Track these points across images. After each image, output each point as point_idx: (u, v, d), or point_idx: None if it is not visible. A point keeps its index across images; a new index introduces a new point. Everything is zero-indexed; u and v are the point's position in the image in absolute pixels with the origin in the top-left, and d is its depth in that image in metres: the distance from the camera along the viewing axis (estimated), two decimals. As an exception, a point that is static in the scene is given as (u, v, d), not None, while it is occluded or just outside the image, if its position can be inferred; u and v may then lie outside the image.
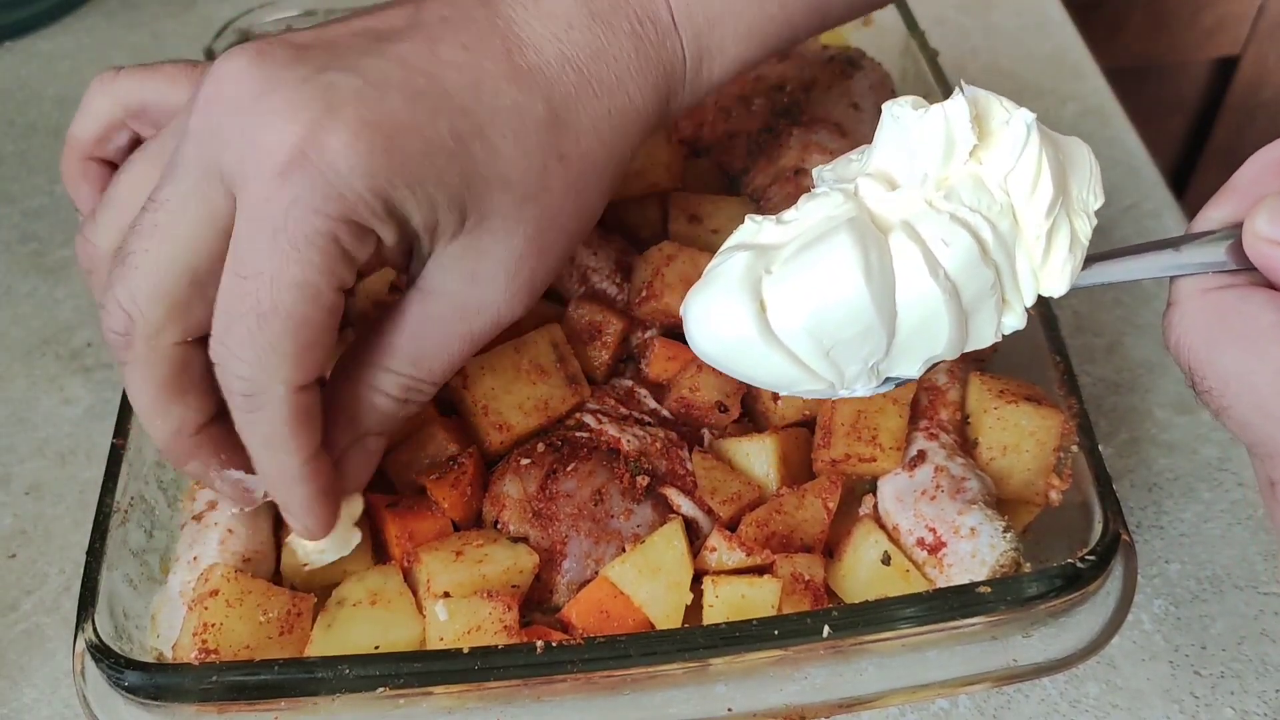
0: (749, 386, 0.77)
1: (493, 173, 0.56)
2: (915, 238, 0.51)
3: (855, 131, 0.89)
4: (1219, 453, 0.86)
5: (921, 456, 0.71)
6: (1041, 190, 0.51)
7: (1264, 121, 1.63)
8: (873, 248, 0.50)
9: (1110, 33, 1.51)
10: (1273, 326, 0.47)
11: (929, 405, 0.74)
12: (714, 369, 0.75)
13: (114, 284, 0.56)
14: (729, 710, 0.61)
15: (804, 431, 0.75)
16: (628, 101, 0.62)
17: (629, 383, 0.77)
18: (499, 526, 0.70)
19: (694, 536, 0.70)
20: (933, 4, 1.21)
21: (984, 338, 0.54)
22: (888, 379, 0.55)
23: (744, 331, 0.51)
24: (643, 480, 0.70)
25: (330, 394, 0.61)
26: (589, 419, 0.74)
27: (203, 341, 0.58)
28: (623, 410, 0.75)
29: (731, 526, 0.70)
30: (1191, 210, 1.08)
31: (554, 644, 0.60)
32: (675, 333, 0.79)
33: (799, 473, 0.73)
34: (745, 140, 0.89)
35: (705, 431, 0.75)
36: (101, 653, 0.60)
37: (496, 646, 0.61)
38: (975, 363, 0.78)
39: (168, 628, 0.66)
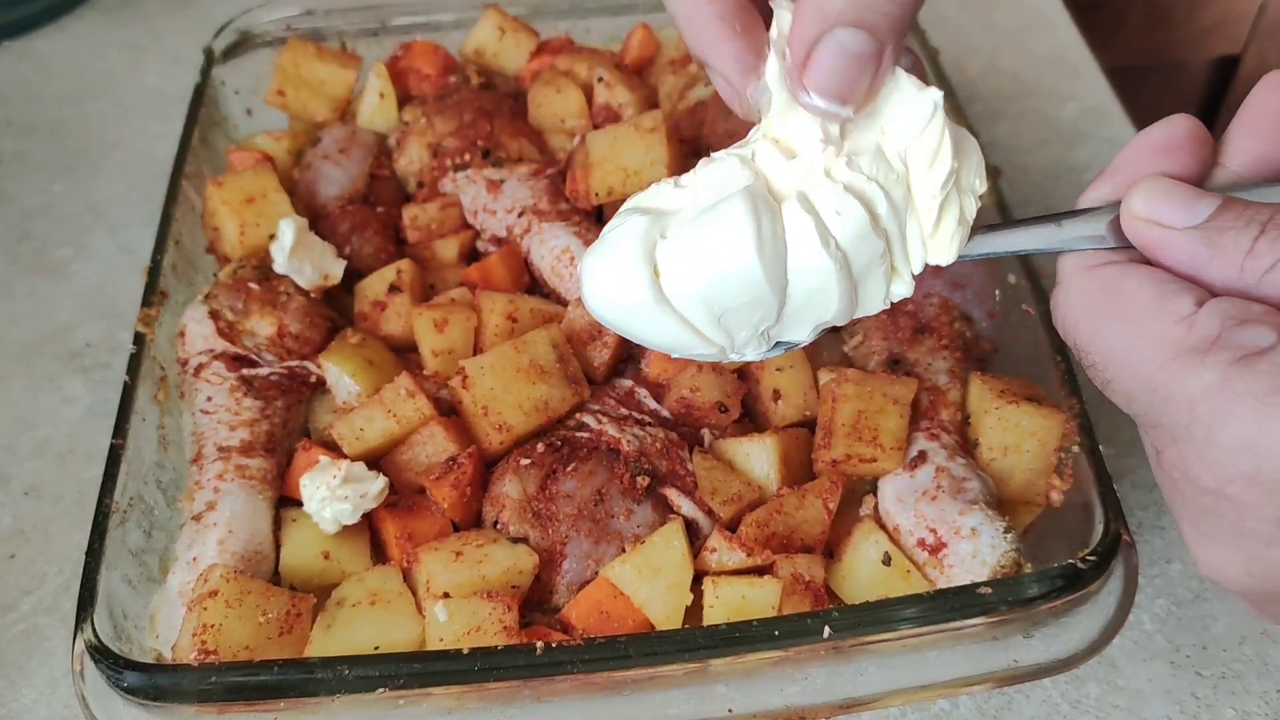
0: (749, 387, 0.77)
1: None
2: (809, 208, 0.51)
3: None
4: (1219, 452, 0.86)
5: (922, 457, 0.71)
6: (940, 164, 0.52)
7: (1264, 121, 1.62)
8: (765, 217, 0.51)
9: (1110, 32, 1.51)
10: (1151, 301, 0.47)
11: (930, 406, 0.74)
12: (714, 368, 0.75)
13: None
14: (729, 711, 0.61)
15: (804, 432, 0.75)
16: None
17: (629, 383, 0.77)
18: (499, 527, 0.70)
19: (694, 537, 0.70)
20: (933, 3, 1.21)
21: (873, 304, 0.54)
22: (778, 343, 0.56)
23: (637, 296, 0.52)
24: (643, 480, 0.70)
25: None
26: (589, 419, 0.74)
27: None
28: (623, 410, 0.75)
29: (732, 527, 0.70)
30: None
31: (554, 644, 0.59)
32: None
33: (799, 473, 0.73)
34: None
35: (705, 431, 0.75)
36: (101, 653, 0.60)
37: (496, 647, 0.61)
38: (976, 363, 0.78)
39: (167, 628, 0.66)
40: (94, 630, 0.61)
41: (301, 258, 0.81)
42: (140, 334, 0.77)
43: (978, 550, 0.66)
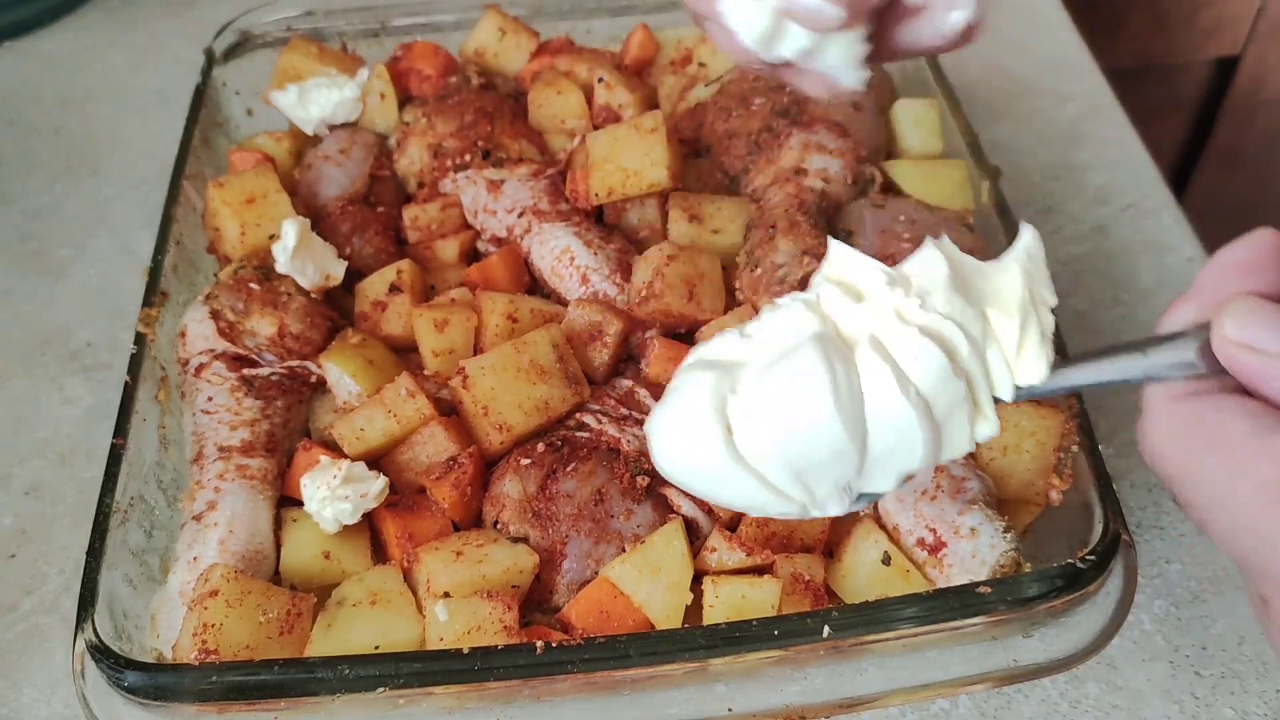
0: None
1: None
2: (884, 354, 0.49)
3: (855, 132, 0.88)
4: (1219, 453, 0.86)
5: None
6: (1015, 286, 0.51)
7: (1264, 121, 1.63)
8: (840, 366, 0.49)
9: (1110, 33, 1.51)
10: (1248, 436, 0.44)
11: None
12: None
13: None
14: (729, 710, 0.61)
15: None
16: None
17: (629, 383, 0.77)
18: (499, 527, 0.70)
19: (694, 537, 0.70)
20: (933, 4, 1.21)
21: (959, 447, 0.52)
22: (861, 495, 0.53)
23: (712, 456, 0.50)
24: (643, 480, 0.70)
25: None
26: (589, 419, 0.74)
27: None
28: (623, 410, 0.75)
29: (732, 527, 0.70)
30: (1191, 210, 1.08)
31: (554, 644, 0.60)
32: (675, 333, 0.79)
33: (799, 473, 0.73)
34: (745, 140, 0.89)
35: (705, 431, 0.75)
36: (101, 653, 0.60)
37: (496, 646, 0.61)
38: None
39: (167, 628, 0.66)
40: (95, 630, 0.61)
41: (303, 258, 0.81)
42: (141, 334, 0.77)
43: (977, 550, 0.66)
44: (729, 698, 0.61)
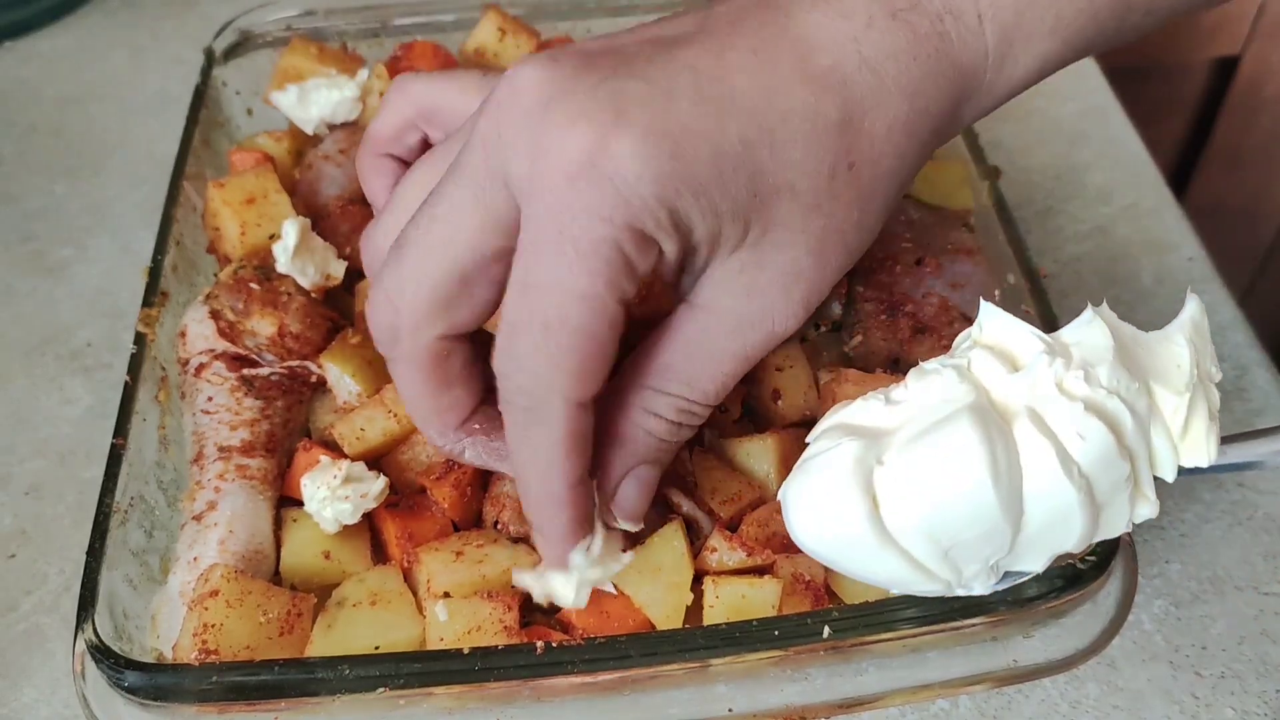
0: (750, 386, 0.77)
1: (780, 181, 0.53)
2: (1045, 430, 0.46)
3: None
4: (1219, 453, 0.86)
5: (922, 457, 0.71)
6: (1182, 362, 0.49)
7: (1265, 121, 1.63)
8: (998, 441, 0.46)
9: (1110, 32, 1.51)
10: None
11: (929, 405, 0.74)
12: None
13: (384, 275, 0.57)
14: (729, 710, 0.61)
15: (805, 431, 0.75)
16: (925, 106, 0.56)
17: (629, 383, 0.77)
18: (499, 527, 0.70)
19: (694, 537, 0.70)
20: (933, 4, 1.21)
21: (1115, 528, 0.50)
22: (1007, 574, 0.52)
23: (856, 530, 0.47)
24: (643, 480, 0.70)
25: (601, 423, 0.58)
26: (589, 419, 0.74)
27: (464, 337, 0.59)
28: (623, 410, 0.75)
29: (732, 527, 0.70)
30: (1192, 210, 1.08)
31: (554, 644, 0.60)
32: (675, 333, 0.79)
33: (799, 473, 0.73)
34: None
35: (705, 431, 0.75)
36: (101, 653, 0.60)
37: (496, 647, 0.61)
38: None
39: (168, 628, 0.66)
40: (95, 630, 0.61)
41: (304, 258, 0.81)
42: (141, 334, 0.77)
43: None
44: (729, 698, 0.61)
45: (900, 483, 0.47)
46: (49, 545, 0.83)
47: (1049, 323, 0.74)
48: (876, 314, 0.78)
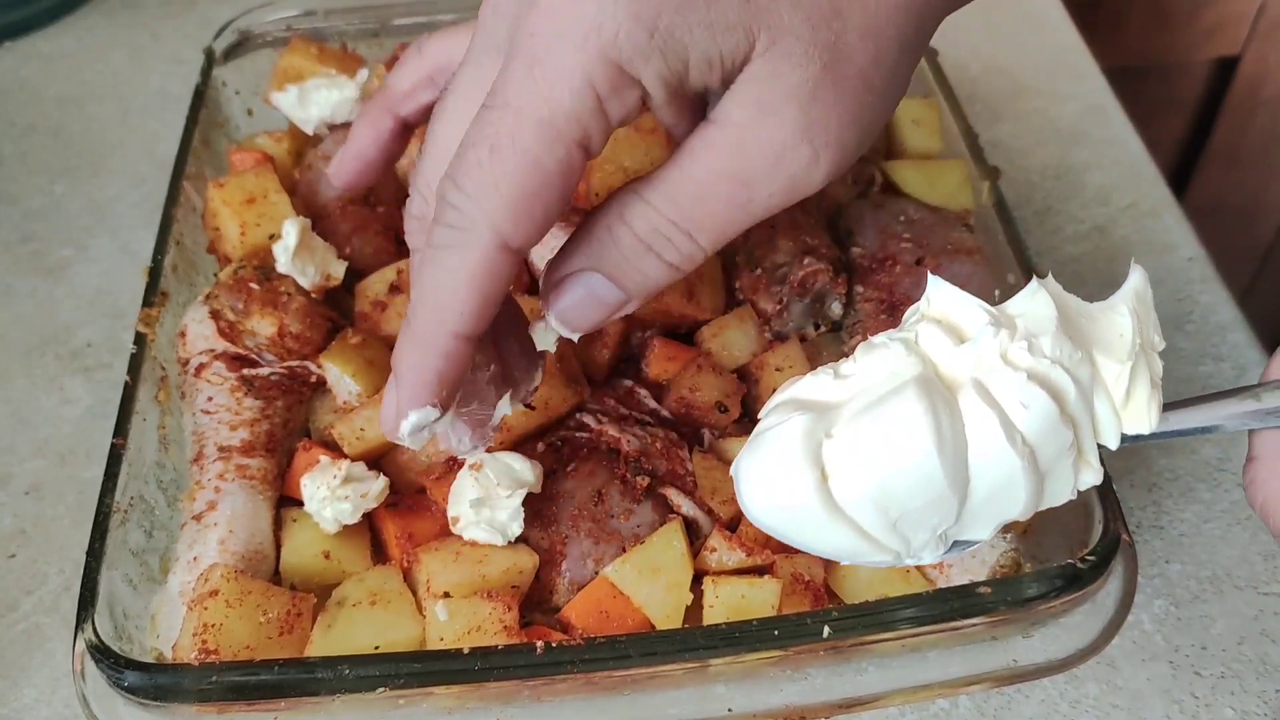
0: (749, 386, 0.77)
1: None
2: (990, 400, 0.47)
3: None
4: (1219, 453, 0.86)
5: (922, 457, 0.71)
6: (1125, 330, 0.49)
7: (1264, 121, 1.63)
8: (943, 411, 0.47)
9: (1110, 32, 1.51)
10: None
11: (929, 405, 0.74)
12: (712, 368, 0.75)
13: (416, 169, 0.58)
14: (729, 710, 0.61)
15: (804, 431, 0.75)
16: None
17: (629, 383, 0.77)
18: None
19: (694, 536, 0.70)
20: (933, 4, 1.21)
21: (1060, 495, 0.51)
22: (956, 543, 0.52)
23: (805, 502, 0.48)
24: (643, 480, 0.70)
25: (578, 229, 0.55)
26: (589, 419, 0.74)
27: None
28: (623, 410, 0.75)
29: (732, 527, 0.70)
30: (1191, 209, 1.08)
31: (554, 644, 0.60)
32: (675, 333, 0.79)
33: (799, 473, 0.73)
34: (745, 140, 0.89)
35: (705, 431, 0.75)
36: (101, 653, 0.60)
37: (496, 646, 0.61)
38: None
39: (168, 628, 0.66)
40: (94, 630, 0.61)
41: (304, 258, 0.81)
42: (141, 334, 0.77)
43: (977, 550, 0.66)
44: (729, 698, 0.61)
45: (848, 455, 0.48)
46: (49, 545, 0.83)
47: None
48: (876, 314, 0.78)
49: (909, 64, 0.54)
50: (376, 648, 0.64)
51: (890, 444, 0.47)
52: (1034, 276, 0.51)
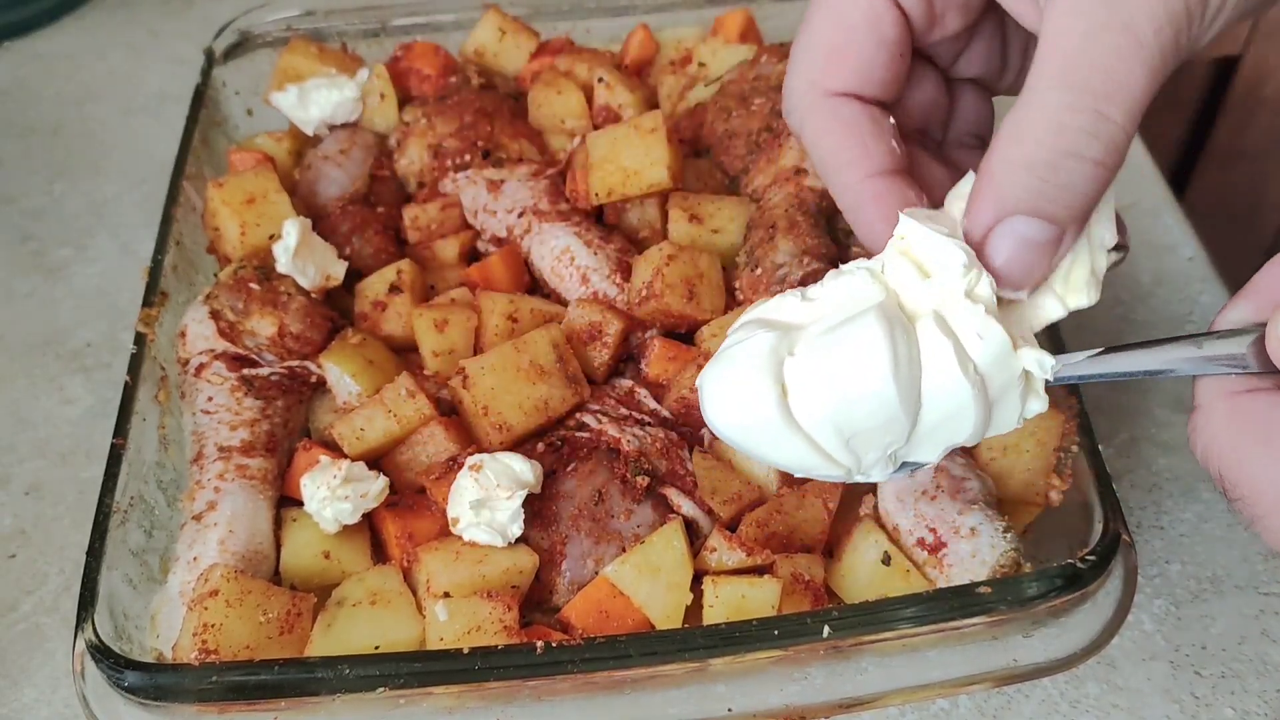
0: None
1: None
2: (947, 330, 0.49)
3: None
4: (1219, 452, 0.86)
5: (922, 456, 0.71)
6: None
7: (1264, 120, 1.63)
8: (901, 338, 0.49)
9: (1110, 32, 1.51)
10: None
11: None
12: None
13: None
14: (729, 710, 0.61)
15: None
16: None
17: (629, 383, 0.77)
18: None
19: (694, 536, 0.70)
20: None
21: (1007, 423, 0.52)
22: (904, 464, 0.54)
23: (764, 415, 0.50)
24: (643, 480, 0.70)
25: (979, 179, 0.50)
26: (589, 419, 0.74)
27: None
28: (623, 410, 0.75)
29: (732, 527, 0.70)
30: (1192, 209, 1.08)
31: (554, 644, 0.60)
32: (675, 333, 0.79)
33: (799, 473, 0.73)
34: (745, 140, 0.89)
35: (705, 431, 0.75)
36: (101, 653, 0.60)
37: (496, 646, 0.61)
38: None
39: (168, 628, 0.66)
40: (95, 630, 0.61)
41: (304, 258, 0.81)
42: (141, 334, 0.77)
43: (977, 550, 0.66)
44: (729, 697, 0.61)
45: (808, 374, 0.50)
46: (49, 545, 0.83)
47: (1048, 325, 0.74)
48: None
49: None
50: (376, 648, 0.64)
51: (849, 366, 0.49)
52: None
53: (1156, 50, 0.45)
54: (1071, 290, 0.53)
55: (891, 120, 0.57)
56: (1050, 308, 0.53)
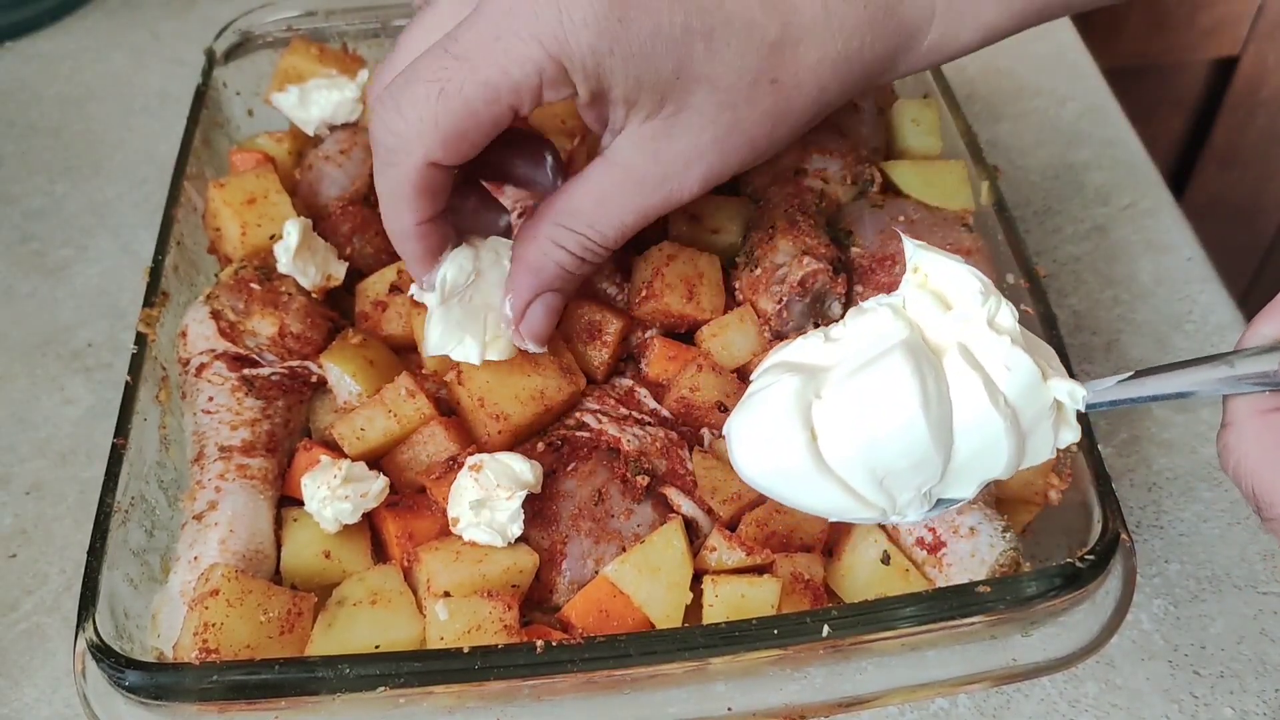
0: (749, 387, 0.77)
1: (705, 72, 0.60)
2: (974, 363, 0.49)
3: (854, 132, 0.89)
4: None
5: (921, 456, 0.71)
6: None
7: (1263, 121, 1.63)
8: (929, 374, 0.48)
9: (1109, 33, 1.52)
10: None
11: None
12: (713, 367, 0.75)
13: (388, 63, 0.68)
14: (729, 710, 0.61)
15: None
16: (860, 49, 0.63)
17: (629, 383, 0.77)
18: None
19: (694, 536, 0.70)
20: (932, 4, 1.21)
21: (1040, 454, 0.52)
22: (940, 501, 0.53)
23: (795, 461, 0.49)
24: (643, 480, 0.70)
25: (516, 252, 0.69)
26: (589, 419, 0.74)
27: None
28: (623, 410, 0.75)
29: (731, 526, 0.70)
30: (1191, 209, 1.08)
31: (554, 644, 0.60)
32: (675, 333, 0.79)
33: (799, 472, 0.73)
34: (745, 140, 0.89)
35: (705, 431, 0.75)
36: (102, 652, 0.60)
37: (496, 646, 0.61)
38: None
39: (168, 627, 0.66)
40: (95, 629, 0.62)
41: (305, 258, 0.81)
42: (142, 334, 0.77)
43: (976, 549, 0.66)
44: (728, 697, 0.61)
45: (837, 415, 0.49)
46: (50, 545, 0.84)
47: (1049, 323, 0.74)
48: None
49: (803, 128, 0.66)
50: (377, 647, 0.64)
51: (878, 405, 0.48)
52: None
53: (642, 217, 0.67)
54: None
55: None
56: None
